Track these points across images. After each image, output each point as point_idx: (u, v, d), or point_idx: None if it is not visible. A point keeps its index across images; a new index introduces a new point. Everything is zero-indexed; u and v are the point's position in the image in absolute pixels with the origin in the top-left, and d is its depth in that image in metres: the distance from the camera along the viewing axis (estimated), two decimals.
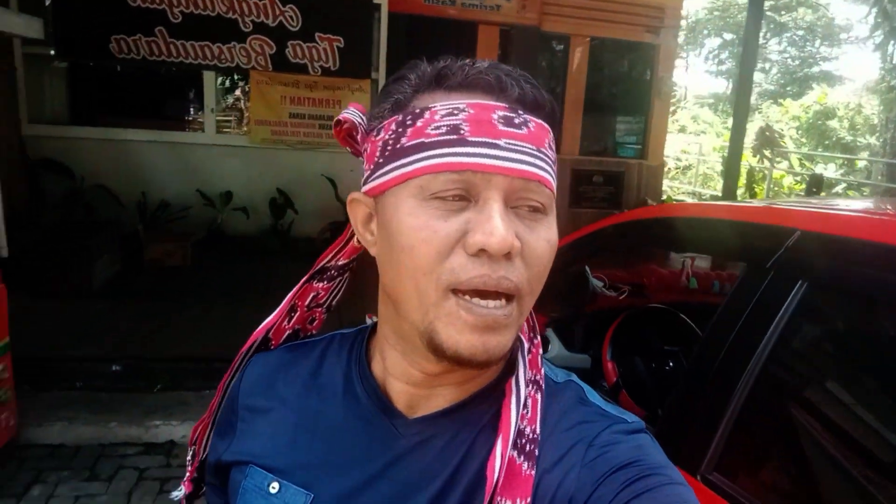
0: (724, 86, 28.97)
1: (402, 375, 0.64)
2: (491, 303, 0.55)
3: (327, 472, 0.63)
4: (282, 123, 5.92)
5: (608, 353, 1.91)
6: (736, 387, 1.09)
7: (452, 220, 0.55)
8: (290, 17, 5.65)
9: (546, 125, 0.59)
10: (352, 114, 0.63)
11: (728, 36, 27.57)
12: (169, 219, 5.75)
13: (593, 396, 0.65)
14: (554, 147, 0.61)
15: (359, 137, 0.63)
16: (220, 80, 7.04)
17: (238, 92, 8.25)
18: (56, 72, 5.76)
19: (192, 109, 6.73)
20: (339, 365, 0.70)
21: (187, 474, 0.83)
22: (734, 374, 1.12)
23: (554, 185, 0.59)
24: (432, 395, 0.64)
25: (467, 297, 0.55)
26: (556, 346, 2.10)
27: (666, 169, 14.61)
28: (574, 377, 0.67)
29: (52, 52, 5.33)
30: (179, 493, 0.83)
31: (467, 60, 0.59)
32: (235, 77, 7.80)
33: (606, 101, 7.29)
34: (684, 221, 1.60)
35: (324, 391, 0.68)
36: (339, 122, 0.63)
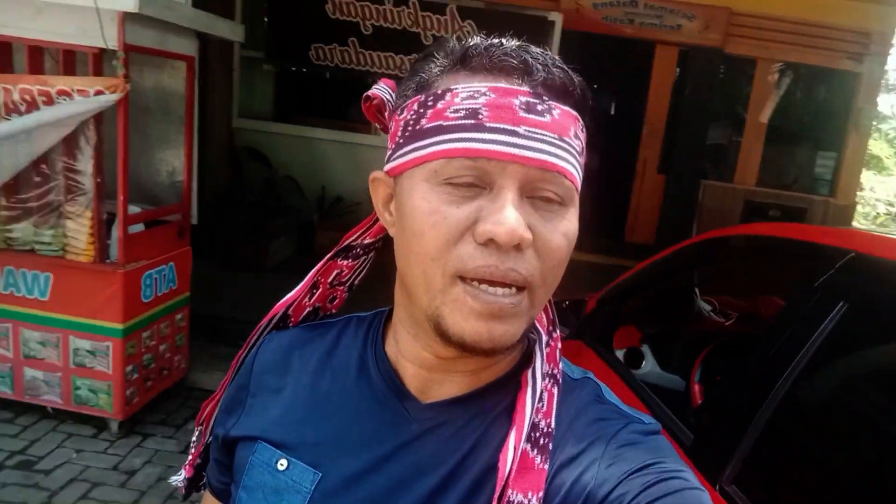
0: None
1: (414, 358, 0.64)
2: (499, 290, 0.54)
3: (337, 452, 0.63)
4: None
5: (697, 374, 1.85)
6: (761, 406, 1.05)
7: (464, 207, 0.54)
8: (468, 31, 5.96)
9: (574, 112, 0.57)
10: (381, 90, 0.63)
11: None
12: (341, 212, 6.34)
13: (610, 395, 0.64)
14: (582, 135, 0.59)
15: (386, 114, 0.63)
16: None
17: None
18: (264, 74, 6.62)
19: None
20: (355, 346, 0.69)
21: (189, 457, 0.81)
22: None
23: (577, 176, 0.57)
24: (445, 381, 0.63)
25: (474, 283, 0.54)
26: (650, 363, 2.06)
27: (874, 214, 12.95)
28: (591, 374, 0.66)
29: (263, 57, 6.15)
30: (179, 477, 0.82)
31: (496, 41, 0.57)
32: None
33: (793, 130, 6.70)
34: (754, 240, 1.52)
35: (338, 371, 0.68)
36: (367, 97, 0.63)
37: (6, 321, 3.00)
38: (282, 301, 0.76)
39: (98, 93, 2.55)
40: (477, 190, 0.54)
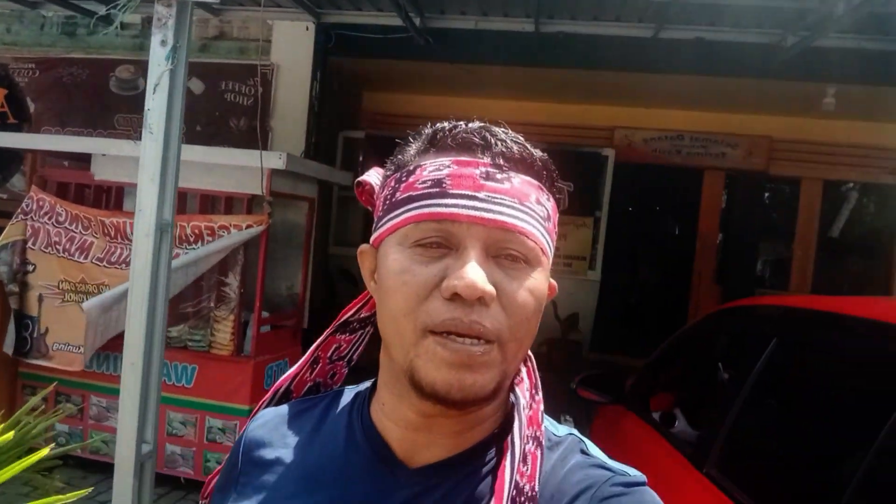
0: None
1: (399, 420, 0.65)
2: (467, 340, 0.57)
3: None
4: None
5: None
6: None
7: (432, 266, 0.59)
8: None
9: (535, 181, 0.62)
10: (370, 176, 0.71)
11: None
12: None
13: (594, 449, 0.66)
14: (547, 202, 0.63)
15: (375, 196, 0.70)
16: None
17: None
18: (357, 210, 7.70)
19: None
20: (342, 416, 0.71)
21: None
22: None
23: (541, 238, 0.61)
24: (431, 443, 0.64)
25: (443, 335, 0.57)
26: (681, 423, 2.53)
27: None
28: (575, 431, 0.69)
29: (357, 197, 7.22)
30: None
31: (461, 123, 0.65)
32: None
33: (844, 241, 7.06)
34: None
35: (326, 443, 0.69)
36: (359, 183, 0.72)
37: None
38: (283, 377, 0.79)
39: (248, 226, 3.43)
40: (444, 251, 0.59)
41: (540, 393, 0.67)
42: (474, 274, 0.56)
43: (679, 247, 7.26)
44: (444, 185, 0.60)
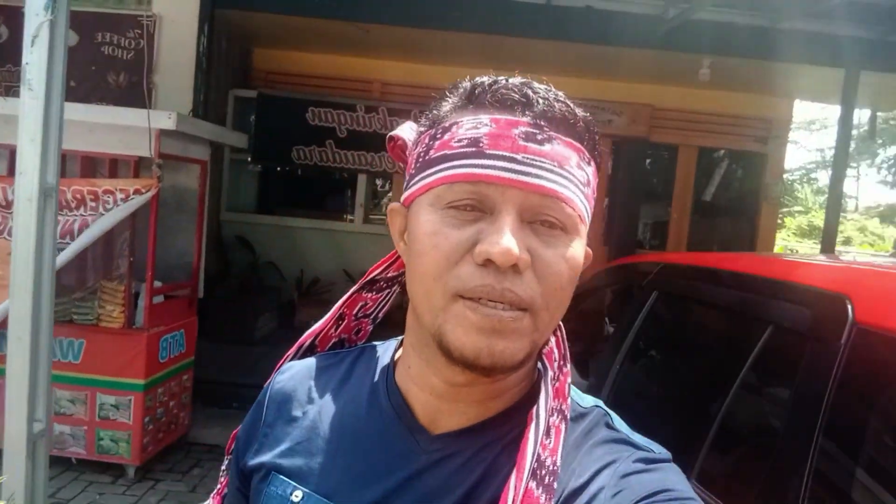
0: None
1: (425, 385, 0.64)
2: (499, 305, 0.55)
3: (350, 483, 0.64)
4: None
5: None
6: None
7: (465, 230, 0.57)
8: None
9: (576, 143, 0.59)
10: (403, 130, 0.68)
11: None
12: (318, 291, 7.00)
13: (619, 423, 0.65)
14: (588, 165, 0.61)
15: (407, 152, 0.67)
16: (370, 181, 8.47)
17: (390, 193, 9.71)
18: (248, 173, 7.43)
19: (346, 204, 8.14)
20: (367, 375, 0.71)
21: (218, 486, 0.82)
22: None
23: (580, 205, 0.59)
24: (454, 410, 0.64)
25: (474, 299, 0.56)
26: (573, 376, 2.73)
27: None
28: (601, 403, 0.68)
29: (249, 159, 6.98)
30: None
31: (501, 77, 0.61)
32: (384, 179, 9.27)
33: (714, 204, 7.70)
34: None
35: (350, 401, 0.69)
36: (391, 138, 0.69)
37: None
38: (308, 332, 0.79)
39: (136, 191, 3.25)
40: (478, 214, 0.57)
41: (568, 365, 0.65)
42: (508, 240, 0.54)
43: None
44: (480, 145, 0.57)
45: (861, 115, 8.14)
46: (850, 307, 1.25)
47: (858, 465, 1.16)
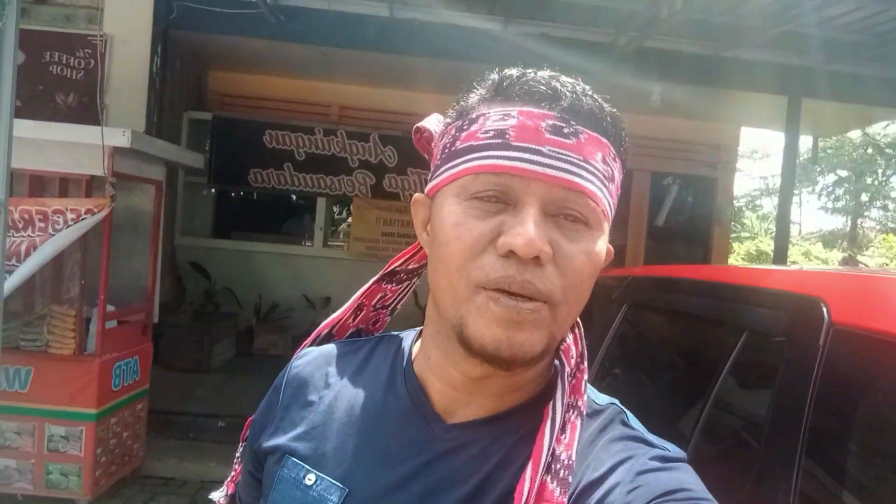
0: (841, 222, 28.22)
1: (443, 376, 0.65)
2: (519, 298, 0.55)
3: (363, 468, 0.64)
4: (375, 240, 7.01)
5: None
6: None
7: (488, 221, 0.57)
8: (389, 156, 6.89)
9: (603, 139, 0.59)
10: (429, 122, 0.69)
11: (843, 173, 27.16)
12: (277, 317, 6.84)
13: (635, 422, 0.65)
14: (613, 161, 0.61)
15: (433, 144, 0.68)
16: (329, 204, 8.38)
17: (344, 214, 9.62)
18: (203, 196, 7.26)
19: (305, 228, 8.03)
20: (385, 363, 0.71)
21: (233, 473, 0.82)
22: None
23: (604, 200, 0.59)
24: (471, 402, 0.64)
25: (495, 291, 0.56)
26: None
27: None
28: (616, 401, 0.68)
29: (206, 181, 6.82)
30: (220, 494, 0.82)
31: (530, 70, 0.61)
32: (342, 203, 9.20)
33: (670, 228, 7.90)
34: None
35: (367, 387, 0.69)
36: (418, 129, 0.69)
37: None
38: (327, 321, 0.79)
39: (88, 211, 3.12)
40: (502, 206, 0.57)
41: (585, 362, 0.66)
42: (531, 232, 0.54)
43: None
44: (506, 137, 0.57)
45: (804, 142, 8.51)
46: (825, 309, 1.27)
47: (847, 466, 1.17)
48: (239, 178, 6.74)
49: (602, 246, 0.60)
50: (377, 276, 0.79)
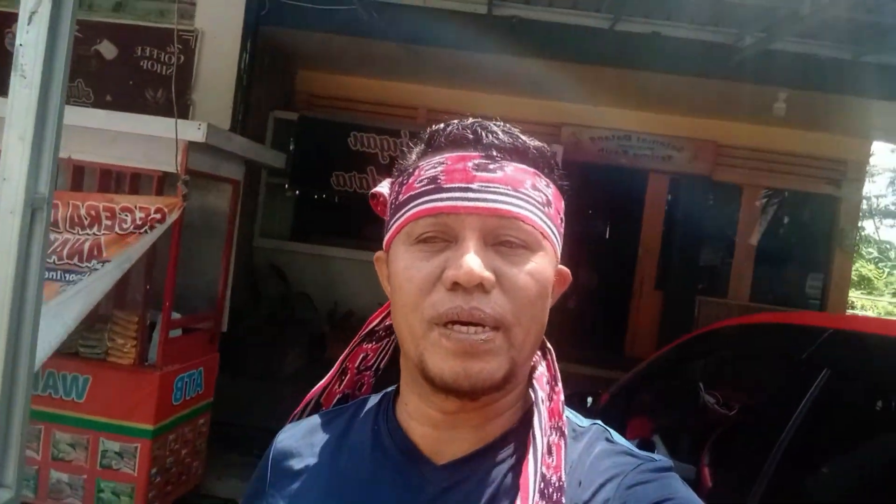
0: None
1: (422, 418, 0.66)
2: (471, 328, 0.58)
3: None
4: None
5: (706, 458, 2.01)
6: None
7: (434, 260, 0.61)
8: None
9: (530, 168, 0.63)
10: (383, 187, 0.73)
11: None
12: (352, 325, 6.56)
13: (619, 437, 0.67)
14: (546, 188, 0.64)
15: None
16: None
17: None
18: (286, 198, 7.10)
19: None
20: (367, 423, 0.72)
21: None
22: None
23: (540, 222, 0.62)
24: (454, 438, 0.65)
25: (448, 326, 0.59)
26: (661, 452, 2.22)
27: None
28: (598, 421, 0.69)
29: (287, 184, 6.65)
30: None
31: (454, 121, 0.66)
32: None
33: (783, 250, 7.09)
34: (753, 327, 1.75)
35: (353, 450, 0.70)
36: (374, 195, 0.74)
37: (39, 423, 3.13)
38: (313, 389, 0.80)
39: (158, 210, 2.87)
40: (444, 244, 0.61)
41: (560, 384, 0.68)
42: (471, 261, 0.58)
43: (622, 251, 7.08)
44: (438, 181, 0.62)
45: None
46: None
47: None
48: (321, 181, 6.52)
49: (546, 265, 0.63)
50: (356, 338, 0.80)
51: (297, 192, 7.03)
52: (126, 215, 2.89)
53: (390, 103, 6.78)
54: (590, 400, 2.41)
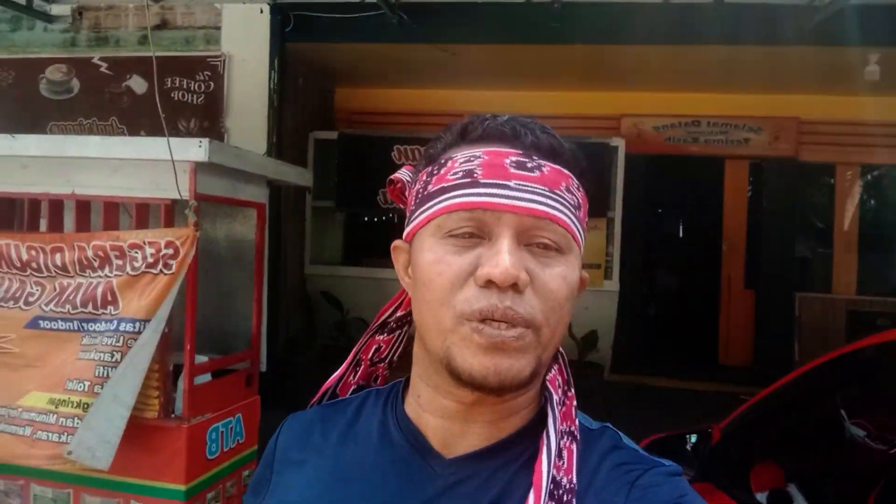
0: None
1: (436, 410, 0.66)
2: (502, 325, 0.58)
3: None
4: None
5: None
6: None
7: (466, 255, 0.60)
8: None
9: (565, 170, 0.63)
10: (402, 173, 0.72)
11: None
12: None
13: (629, 442, 0.67)
14: (577, 191, 0.64)
15: (406, 193, 0.71)
16: None
17: None
18: (334, 222, 6.81)
19: None
20: (375, 414, 0.72)
21: None
22: None
23: (573, 226, 0.62)
24: (467, 432, 0.65)
25: (478, 322, 0.58)
26: None
27: None
28: (609, 425, 0.69)
29: (334, 205, 6.35)
30: None
31: (490, 115, 0.65)
32: None
33: (890, 234, 6.24)
34: None
35: (360, 439, 0.70)
36: (391, 181, 0.73)
37: (67, 486, 2.84)
38: (329, 380, 0.79)
39: (169, 244, 2.54)
40: (477, 240, 0.60)
41: (572, 389, 0.68)
42: (507, 261, 0.57)
43: (703, 248, 6.41)
44: (475, 175, 0.61)
45: None
46: None
47: None
48: (367, 200, 6.18)
49: (575, 269, 0.63)
50: (368, 330, 0.80)
51: (345, 213, 6.73)
52: (136, 252, 2.57)
53: (432, 112, 6.41)
54: (693, 439, 1.89)
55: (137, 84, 5.19)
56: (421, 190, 0.65)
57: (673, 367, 5.93)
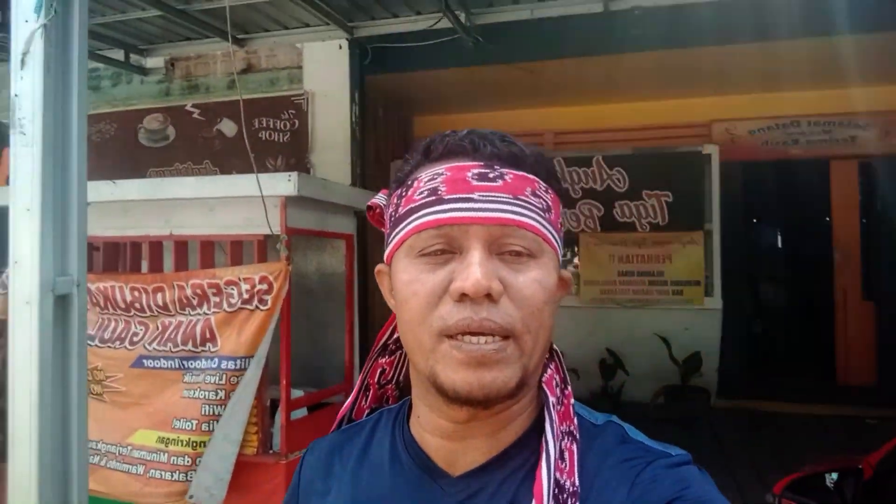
0: None
1: (434, 429, 0.66)
2: (481, 339, 0.58)
3: None
4: (610, 282, 5.89)
5: None
6: None
7: (439, 272, 0.61)
8: (617, 179, 5.80)
9: (529, 175, 0.63)
10: (379, 198, 0.72)
11: None
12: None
13: (636, 434, 0.66)
14: (545, 194, 0.64)
15: (385, 217, 0.70)
16: None
17: (568, 255, 8.64)
18: None
19: None
20: (386, 437, 0.72)
21: None
22: None
23: (542, 229, 0.62)
24: (468, 447, 0.65)
25: (458, 337, 0.58)
26: None
27: None
28: (614, 418, 0.68)
29: None
30: None
31: (450, 131, 0.66)
32: (567, 241, 8.21)
33: None
34: None
35: (374, 465, 0.71)
36: (369, 207, 0.73)
37: None
38: (343, 407, 0.80)
39: (263, 280, 2.56)
40: (449, 255, 0.61)
41: (569, 387, 0.68)
42: (478, 272, 0.58)
43: (812, 258, 5.94)
44: (439, 192, 0.62)
45: None
46: None
47: None
48: None
49: (550, 271, 0.63)
50: (372, 353, 0.80)
51: None
52: (232, 289, 2.61)
53: (513, 133, 6.31)
54: (833, 477, 1.66)
55: (228, 127, 5.39)
56: (393, 213, 0.66)
57: (786, 389, 5.47)
